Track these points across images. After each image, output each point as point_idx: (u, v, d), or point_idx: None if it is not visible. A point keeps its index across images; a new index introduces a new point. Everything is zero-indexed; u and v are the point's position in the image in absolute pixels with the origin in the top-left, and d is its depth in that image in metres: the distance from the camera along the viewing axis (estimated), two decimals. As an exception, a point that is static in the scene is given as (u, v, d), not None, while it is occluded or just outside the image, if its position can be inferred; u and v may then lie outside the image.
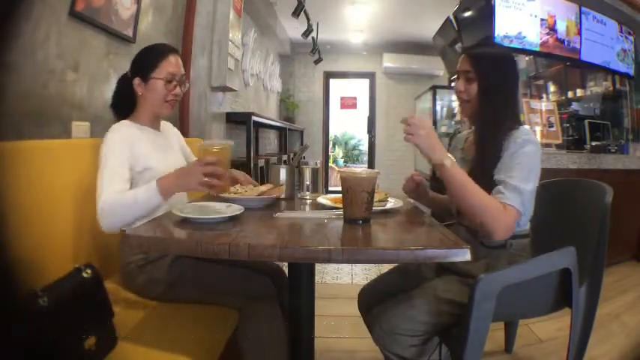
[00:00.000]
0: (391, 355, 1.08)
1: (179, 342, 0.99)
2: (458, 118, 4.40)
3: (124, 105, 1.33)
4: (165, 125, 1.46)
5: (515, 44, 3.07)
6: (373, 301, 1.27)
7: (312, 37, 5.02)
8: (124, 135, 1.22)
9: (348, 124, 9.52)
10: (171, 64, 1.31)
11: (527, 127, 1.25)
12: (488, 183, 1.08)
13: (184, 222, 0.95)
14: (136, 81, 1.29)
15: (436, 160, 1.06)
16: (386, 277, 1.39)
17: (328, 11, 5.01)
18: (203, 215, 0.99)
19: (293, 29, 5.60)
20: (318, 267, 2.71)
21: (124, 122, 1.28)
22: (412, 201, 1.34)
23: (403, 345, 1.06)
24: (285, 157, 4.63)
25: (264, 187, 1.25)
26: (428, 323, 1.08)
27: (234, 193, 1.22)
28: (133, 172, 1.20)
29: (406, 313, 1.09)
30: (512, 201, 1.04)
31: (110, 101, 1.38)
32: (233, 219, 0.99)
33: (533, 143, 1.10)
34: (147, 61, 1.30)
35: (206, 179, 1.07)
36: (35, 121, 1.36)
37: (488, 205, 1.04)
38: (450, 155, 1.07)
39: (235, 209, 1.03)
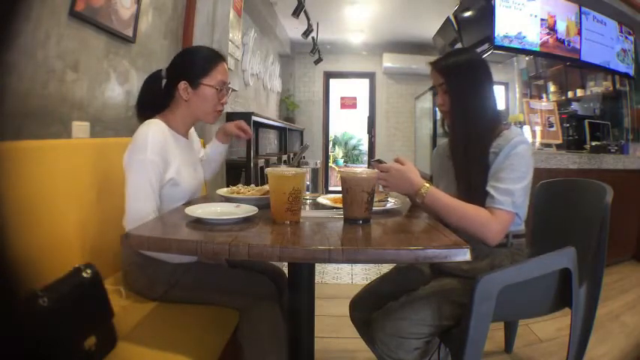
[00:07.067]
0: None
1: (179, 342, 0.99)
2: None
3: (154, 105, 1.26)
4: (191, 131, 1.38)
5: (515, 44, 3.07)
6: (368, 311, 1.24)
7: (312, 37, 5.02)
8: (158, 140, 1.13)
9: (348, 124, 9.51)
10: (222, 72, 1.25)
11: (516, 127, 1.27)
12: (477, 188, 1.11)
13: (186, 222, 0.94)
14: (182, 85, 1.22)
15: (413, 194, 1.10)
16: (378, 283, 1.37)
17: (328, 11, 5.01)
18: (214, 217, 0.96)
19: (293, 29, 5.60)
20: (318, 267, 2.71)
21: (157, 122, 1.18)
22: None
23: (408, 349, 1.06)
24: (285, 157, 4.62)
25: (267, 187, 1.25)
26: (432, 325, 1.08)
27: (237, 193, 1.22)
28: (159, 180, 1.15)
29: (411, 316, 1.09)
30: (501, 204, 1.07)
31: (135, 100, 1.29)
32: (247, 220, 0.97)
33: (525, 143, 1.13)
34: (197, 65, 1.24)
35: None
36: (35, 121, 1.36)
37: (473, 216, 1.07)
38: (425, 183, 1.09)
39: (248, 210, 1.01)
